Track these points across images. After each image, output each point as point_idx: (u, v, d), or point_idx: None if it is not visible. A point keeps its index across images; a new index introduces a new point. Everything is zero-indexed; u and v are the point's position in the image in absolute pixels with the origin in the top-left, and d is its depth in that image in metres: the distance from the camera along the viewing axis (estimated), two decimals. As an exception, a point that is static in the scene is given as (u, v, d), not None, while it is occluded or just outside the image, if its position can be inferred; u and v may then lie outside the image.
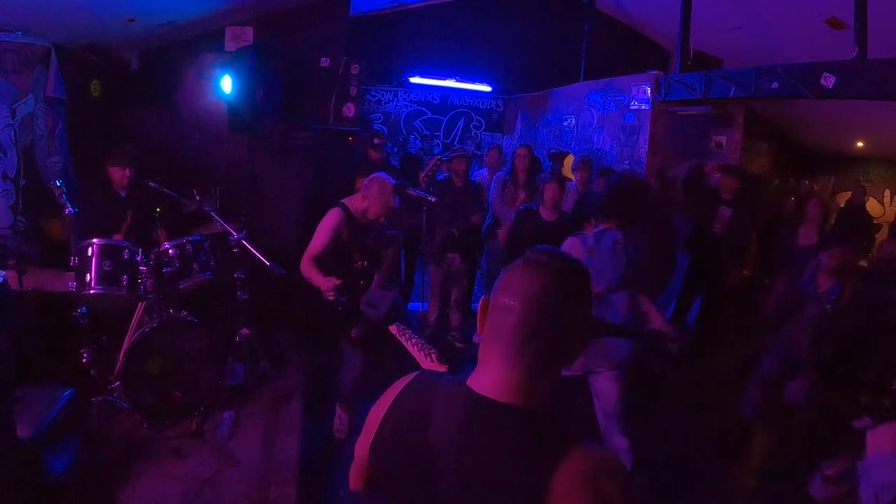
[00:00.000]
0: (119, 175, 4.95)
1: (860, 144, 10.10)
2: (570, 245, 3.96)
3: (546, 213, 5.77)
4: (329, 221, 4.23)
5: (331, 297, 4.06)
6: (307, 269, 4.14)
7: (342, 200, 4.36)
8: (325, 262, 4.17)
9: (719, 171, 6.39)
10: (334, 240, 4.20)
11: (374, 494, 1.50)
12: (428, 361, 2.13)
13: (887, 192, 10.59)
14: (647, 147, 6.06)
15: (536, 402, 1.23)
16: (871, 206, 10.43)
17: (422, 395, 1.35)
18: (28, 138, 5.36)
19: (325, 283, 4.06)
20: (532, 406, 1.22)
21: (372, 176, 4.34)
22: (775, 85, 4.98)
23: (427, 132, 8.99)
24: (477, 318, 1.33)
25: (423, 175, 6.41)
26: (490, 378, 1.25)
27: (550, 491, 1.11)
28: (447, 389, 1.32)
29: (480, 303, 1.32)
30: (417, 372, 1.47)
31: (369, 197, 4.25)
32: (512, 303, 1.23)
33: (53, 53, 5.24)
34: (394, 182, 4.31)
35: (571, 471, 1.12)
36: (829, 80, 4.66)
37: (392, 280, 4.75)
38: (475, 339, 6.36)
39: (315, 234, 4.23)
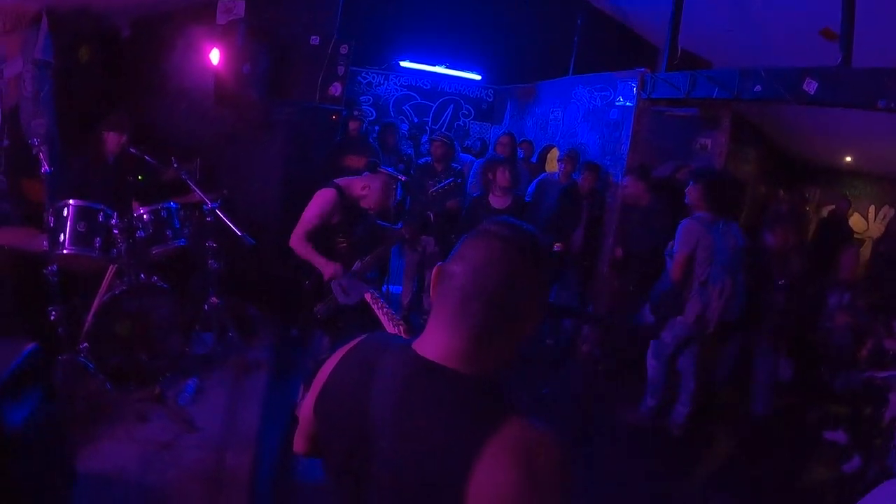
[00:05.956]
0: (115, 140, 4.89)
1: (848, 159, 10.12)
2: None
3: (496, 200, 5.81)
4: (322, 201, 4.22)
5: (329, 277, 4.22)
6: (301, 246, 4.19)
7: (337, 181, 4.32)
8: (309, 238, 4.21)
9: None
10: (325, 220, 4.22)
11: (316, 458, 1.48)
12: (395, 332, 2.15)
13: (872, 208, 10.61)
14: (628, 144, 6.09)
15: (479, 369, 1.22)
16: (856, 221, 10.46)
17: (368, 356, 1.35)
18: (14, 99, 5.37)
19: (328, 270, 4.20)
20: (473, 373, 1.22)
21: (381, 171, 4.36)
22: (758, 88, 4.99)
23: (416, 118, 8.99)
24: (430, 284, 1.32)
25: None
26: (434, 342, 1.26)
27: (480, 457, 1.09)
28: (394, 351, 1.32)
29: (434, 270, 1.31)
30: (370, 333, 1.46)
31: (371, 190, 4.26)
32: (457, 268, 1.24)
33: (45, 16, 5.24)
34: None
35: (504, 441, 1.10)
36: (811, 86, 4.67)
37: (376, 270, 4.77)
38: (425, 303, 6.43)
39: (306, 211, 4.22)
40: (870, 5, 4.46)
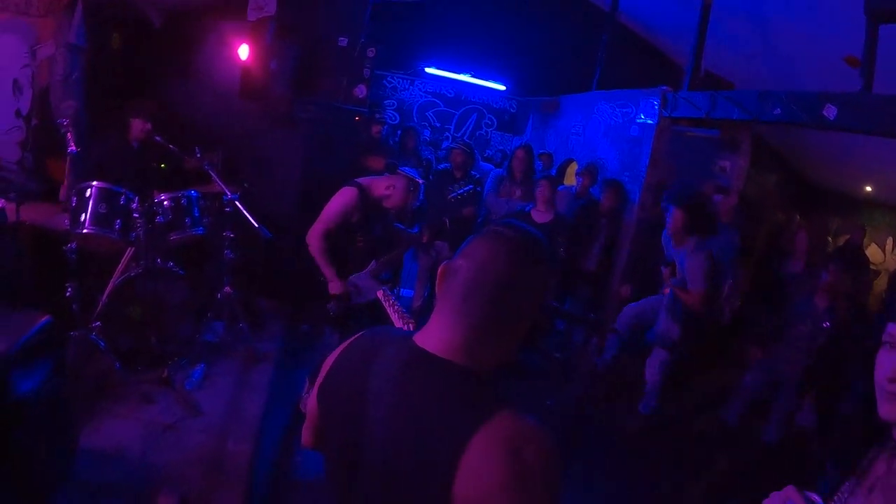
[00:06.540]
0: (139, 127, 4.95)
1: (868, 188, 10.04)
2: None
3: (538, 215, 5.88)
4: (343, 200, 4.22)
5: (333, 293, 4.22)
6: (317, 245, 4.17)
7: (359, 181, 4.33)
8: (328, 236, 4.25)
9: (717, 192, 6.39)
10: (346, 219, 4.25)
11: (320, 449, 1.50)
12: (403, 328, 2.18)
13: (890, 241, 10.49)
14: (647, 161, 6.08)
15: (474, 363, 1.25)
16: (873, 252, 10.32)
17: (369, 348, 1.38)
18: (45, 81, 5.51)
19: (333, 286, 4.22)
20: (469, 366, 1.24)
21: (402, 171, 4.41)
22: (778, 111, 4.97)
23: (438, 124, 9.02)
24: (436, 281, 1.35)
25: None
26: (434, 335, 1.29)
27: (467, 449, 1.11)
28: (394, 343, 1.35)
29: (440, 268, 1.35)
30: (374, 327, 1.51)
31: (396, 190, 4.30)
32: (461, 265, 1.29)
33: (80, 2, 5.37)
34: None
35: (493, 433, 1.12)
36: (830, 111, 4.64)
37: (390, 270, 4.80)
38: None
39: (326, 209, 4.22)
40: (894, 32, 4.45)
